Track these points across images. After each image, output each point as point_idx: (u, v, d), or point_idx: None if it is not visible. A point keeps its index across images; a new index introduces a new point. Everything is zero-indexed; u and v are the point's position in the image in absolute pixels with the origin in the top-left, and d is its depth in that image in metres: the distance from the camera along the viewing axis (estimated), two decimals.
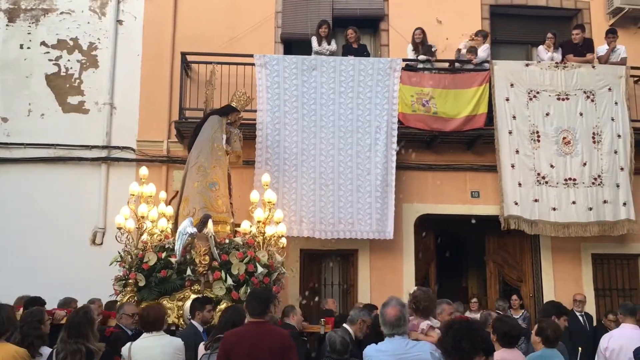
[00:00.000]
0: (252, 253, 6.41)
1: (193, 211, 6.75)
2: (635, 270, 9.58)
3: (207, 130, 7.31)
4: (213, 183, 7.02)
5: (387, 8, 9.90)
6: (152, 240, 6.61)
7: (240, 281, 6.26)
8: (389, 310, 3.61)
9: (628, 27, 10.03)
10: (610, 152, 9.07)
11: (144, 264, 6.27)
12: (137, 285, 6.26)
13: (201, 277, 6.25)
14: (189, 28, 9.47)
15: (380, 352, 3.54)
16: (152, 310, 4.63)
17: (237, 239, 6.69)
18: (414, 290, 5.10)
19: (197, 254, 6.25)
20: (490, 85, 9.04)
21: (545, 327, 4.51)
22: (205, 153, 7.15)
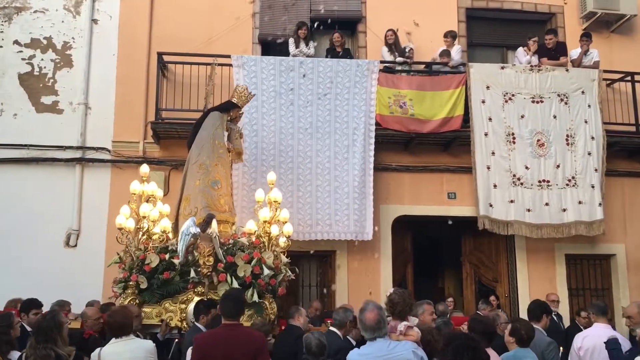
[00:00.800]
0: (258, 254, 6.25)
1: (195, 210, 6.52)
2: (608, 270, 9.75)
3: (208, 127, 7.02)
4: (215, 181, 6.76)
5: (365, 10, 9.94)
6: (153, 241, 6.42)
7: (246, 283, 6.08)
8: (367, 314, 3.62)
9: (601, 31, 10.21)
10: (584, 154, 9.22)
11: (146, 265, 6.07)
12: (138, 287, 6.07)
13: (205, 279, 6.05)
14: (165, 28, 9.39)
15: (363, 355, 3.54)
16: (119, 315, 4.51)
17: (242, 240, 6.51)
18: (390, 293, 5.12)
19: (201, 255, 6.02)
20: (467, 88, 9.14)
21: (519, 328, 4.56)
22: (206, 150, 6.86)
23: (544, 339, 5.12)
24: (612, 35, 10.38)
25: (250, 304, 5.94)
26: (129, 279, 6.10)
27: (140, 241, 6.31)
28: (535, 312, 5.41)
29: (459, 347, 2.81)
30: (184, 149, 8.92)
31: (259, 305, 6.04)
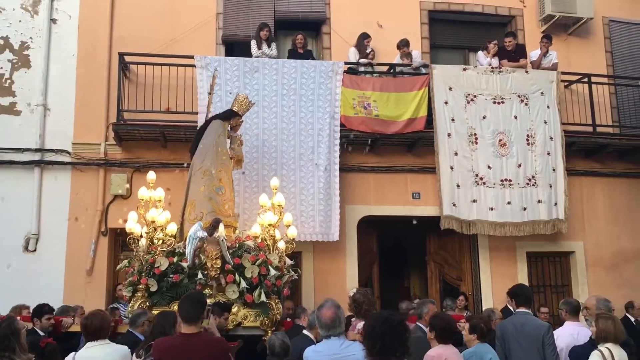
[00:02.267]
0: (264, 256, 6.37)
1: (200, 215, 6.68)
2: (567, 267, 9.98)
3: (211, 135, 7.21)
4: (219, 187, 6.95)
5: (329, 11, 9.97)
6: (162, 245, 6.46)
7: (253, 284, 6.20)
8: (324, 312, 3.64)
9: (559, 33, 10.47)
10: (543, 153, 9.43)
11: (156, 268, 6.13)
12: (147, 290, 6.12)
13: (213, 281, 6.18)
14: (127, 28, 9.24)
15: (317, 352, 3.57)
16: (95, 318, 4.42)
17: (248, 242, 6.63)
18: (354, 294, 5.17)
19: (209, 258, 6.15)
20: (430, 89, 9.25)
21: (477, 323, 4.65)
22: (210, 157, 7.05)
23: (543, 324, 5.20)
24: (569, 38, 10.65)
25: (257, 304, 6.10)
26: (138, 282, 6.15)
27: (148, 245, 6.37)
28: (528, 297, 5.46)
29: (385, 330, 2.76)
30: (146, 150, 8.90)
31: (266, 306, 6.15)
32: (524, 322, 5.12)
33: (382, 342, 2.70)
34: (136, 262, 6.32)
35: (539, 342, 4.96)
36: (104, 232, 8.69)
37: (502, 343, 5.17)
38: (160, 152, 8.94)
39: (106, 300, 8.40)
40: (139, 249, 6.36)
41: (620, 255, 9.92)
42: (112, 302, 8.34)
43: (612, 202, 10.07)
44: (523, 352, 4.98)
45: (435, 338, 4.36)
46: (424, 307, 5.61)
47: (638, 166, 10.24)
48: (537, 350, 4.96)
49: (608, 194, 10.10)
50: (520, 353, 4.99)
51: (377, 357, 2.70)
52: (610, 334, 4.41)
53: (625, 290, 9.45)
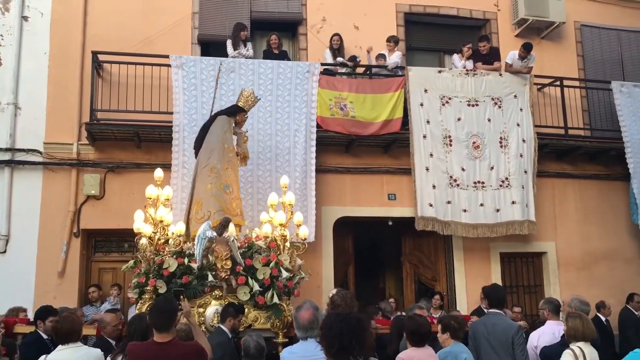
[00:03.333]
0: (275, 257, 6.27)
1: (208, 214, 6.49)
2: (540, 268, 10.14)
3: (217, 132, 7.01)
4: (227, 185, 6.75)
5: (306, 12, 9.97)
6: (169, 245, 6.32)
7: (265, 286, 6.12)
8: (302, 313, 3.63)
9: (532, 37, 10.61)
10: (516, 155, 9.56)
11: (164, 269, 5.99)
12: (155, 292, 5.97)
13: (223, 283, 6.05)
14: (100, 27, 9.12)
15: (292, 354, 3.57)
16: (66, 321, 4.37)
17: (259, 243, 6.52)
18: (332, 295, 5.17)
19: (219, 259, 6.02)
20: (406, 91, 9.31)
21: (449, 322, 4.69)
22: (216, 155, 6.85)
23: (513, 324, 5.29)
24: (542, 42, 10.82)
25: (269, 306, 6.03)
26: (146, 283, 6.00)
27: (156, 246, 6.20)
28: (500, 298, 5.52)
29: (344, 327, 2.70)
30: (120, 150, 8.79)
31: (277, 307, 6.08)
32: (495, 323, 5.20)
33: (340, 341, 2.63)
34: (143, 263, 6.15)
35: (509, 342, 5.04)
36: (76, 233, 8.56)
37: (474, 343, 5.24)
38: (135, 153, 8.84)
39: (78, 302, 8.27)
40: (145, 249, 6.17)
41: (591, 256, 10.11)
42: (84, 304, 8.24)
43: (583, 203, 10.26)
44: (494, 352, 5.06)
45: (407, 340, 4.39)
46: (412, 312, 5.63)
47: (608, 168, 10.45)
48: (507, 350, 5.04)
49: (579, 195, 10.28)
50: (491, 353, 5.07)
51: (336, 357, 2.62)
52: (578, 332, 4.49)
53: (596, 290, 9.61)
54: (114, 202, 8.69)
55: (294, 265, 6.50)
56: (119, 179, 8.77)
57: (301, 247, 6.70)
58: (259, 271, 6.16)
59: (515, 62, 9.80)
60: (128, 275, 9.01)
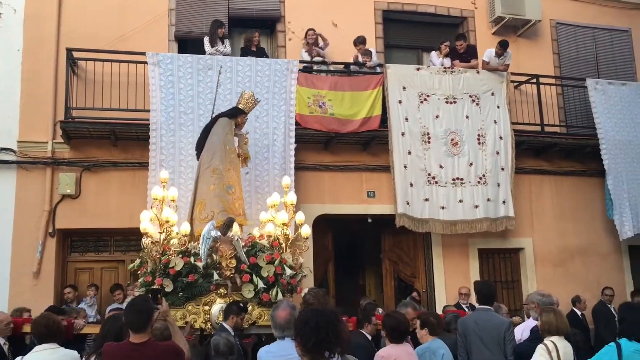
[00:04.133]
0: (279, 255, 6.36)
1: (211, 215, 6.55)
2: (517, 263, 10.24)
3: (218, 133, 7.09)
4: (229, 186, 6.85)
5: (284, 9, 9.93)
6: (175, 244, 6.35)
7: (269, 283, 6.20)
8: (279, 312, 3.63)
9: (508, 35, 10.71)
10: (493, 152, 9.64)
11: (170, 268, 6.03)
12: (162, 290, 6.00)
13: (228, 281, 6.12)
14: (75, 23, 8.98)
15: (269, 353, 3.56)
16: (44, 320, 4.29)
17: (263, 242, 6.61)
18: (305, 294, 5.17)
19: (224, 258, 6.10)
20: (384, 88, 9.33)
21: (427, 318, 4.71)
22: (218, 156, 6.94)
23: (504, 321, 5.35)
24: (519, 40, 10.93)
25: (274, 302, 6.02)
26: (152, 282, 6.05)
27: (162, 245, 6.25)
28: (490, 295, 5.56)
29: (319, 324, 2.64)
30: (96, 149, 8.68)
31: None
32: (485, 319, 5.24)
33: (317, 335, 2.57)
34: (149, 262, 6.21)
35: (500, 338, 5.09)
36: (51, 233, 8.42)
37: (464, 339, 5.27)
38: (111, 151, 8.74)
39: (54, 303, 8.12)
40: (152, 248, 6.22)
41: (567, 251, 10.24)
42: (60, 305, 8.11)
43: (559, 199, 10.39)
44: (486, 348, 5.10)
45: (387, 337, 4.39)
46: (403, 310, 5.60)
47: (584, 165, 10.59)
48: (498, 346, 5.09)
49: (555, 191, 10.41)
50: (481, 348, 5.11)
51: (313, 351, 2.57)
52: (552, 326, 4.54)
53: (572, 285, 9.78)
54: (90, 201, 8.58)
55: (296, 263, 6.63)
56: (95, 177, 8.66)
57: (303, 246, 6.77)
58: (263, 269, 6.26)
59: (492, 60, 9.87)
60: (105, 275, 8.98)
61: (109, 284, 8.64)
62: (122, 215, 8.58)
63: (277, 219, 6.72)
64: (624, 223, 9.87)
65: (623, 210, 9.91)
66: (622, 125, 10.27)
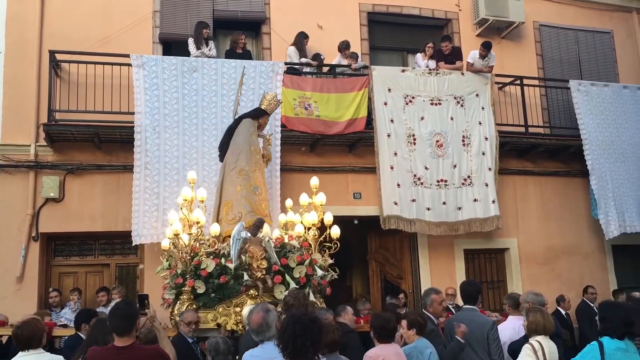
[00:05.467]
0: (308, 256, 6.38)
1: (239, 216, 6.58)
2: (503, 263, 10.31)
3: (243, 134, 7.14)
4: (256, 187, 6.89)
5: (269, 11, 9.92)
6: (206, 246, 6.32)
7: (300, 284, 6.21)
8: (253, 317, 3.65)
9: (492, 37, 10.79)
10: (478, 153, 9.70)
11: (202, 270, 5.99)
12: (194, 292, 5.99)
13: (259, 282, 6.10)
14: (58, 25, 8.90)
15: (254, 357, 3.54)
16: (27, 326, 4.21)
17: (293, 242, 6.60)
18: (285, 296, 5.16)
19: (254, 259, 6.08)
20: (369, 90, 9.35)
21: (414, 318, 4.72)
22: (244, 157, 6.99)
23: (488, 320, 5.37)
24: (502, 41, 11.01)
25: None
26: (183, 284, 6.02)
27: (191, 247, 6.21)
28: (473, 294, 5.57)
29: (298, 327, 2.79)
30: (80, 152, 8.61)
31: (313, 306, 6.15)
32: (470, 319, 5.26)
33: (294, 343, 2.70)
34: (179, 264, 6.15)
35: (484, 337, 5.11)
36: (34, 237, 8.33)
37: (449, 339, 5.29)
38: (95, 154, 8.66)
39: (38, 307, 8.04)
40: (181, 250, 6.19)
41: (552, 251, 10.33)
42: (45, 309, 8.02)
43: (543, 200, 10.48)
44: (470, 347, 5.12)
45: (374, 337, 4.40)
46: (427, 298, 5.64)
47: (567, 165, 10.70)
48: (482, 345, 5.12)
49: (540, 192, 10.50)
50: (467, 349, 5.11)
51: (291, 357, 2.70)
52: (539, 325, 4.58)
53: (557, 284, 9.86)
54: (74, 204, 8.50)
55: (325, 262, 6.67)
56: (79, 180, 8.58)
57: (333, 247, 6.75)
58: (295, 270, 6.27)
59: (477, 61, 9.94)
60: (89, 279, 8.90)
61: (93, 288, 8.57)
62: (106, 218, 8.54)
63: (306, 219, 6.76)
64: (610, 222, 9.97)
65: (608, 209, 10.02)
66: (604, 126, 10.39)
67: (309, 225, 6.68)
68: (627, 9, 12.12)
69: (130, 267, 9.07)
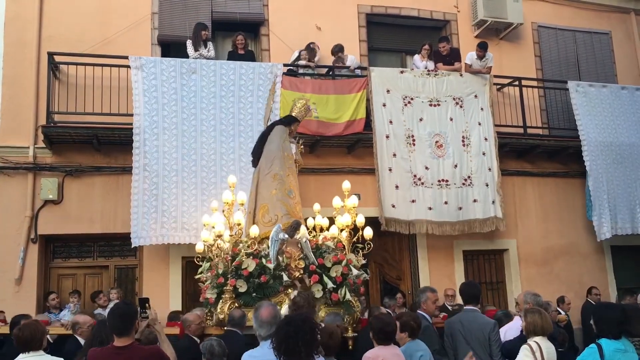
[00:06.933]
0: (344, 256, 6.51)
1: (275, 218, 6.77)
2: (502, 264, 10.32)
3: (276, 140, 7.30)
4: (290, 190, 7.08)
5: (267, 13, 9.93)
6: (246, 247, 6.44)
7: (337, 283, 6.31)
8: (262, 311, 3.65)
9: (491, 38, 10.81)
10: (478, 153, 9.70)
11: (244, 270, 6.15)
12: (236, 291, 6.16)
13: (296, 281, 6.25)
14: (57, 27, 8.90)
15: (253, 358, 3.54)
16: (27, 328, 4.22)
17: (328, 243, 6.75)
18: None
19: (292, 259, 6.28)
20: (368, 91, 9.36)
21: (407, 321, 4.72)
22: (278, 162, 7.15)
23: (489, 321, 5.36)
24: (501, 43, 11.03)
25: (341, 302, 6.28)
26: (225, 284, 6.17)
27: (231, 248, 6.41)
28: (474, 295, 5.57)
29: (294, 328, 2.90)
30: (79, 154, 8.61)
31: (348, 304, 6.30)
32: (471, 320, 5.26)
33: (286, 343, 2.78)
34: (220, 264, 6.32)
35: (486, 338, 5.12)
36: (33, 239, 8.33)
37: (450, 340, 5.29)
38: (94, 156, 8.67)
39: (36, 309, 8.04)
40: (222, 250, 6.39)
41: (550, 252, 10.34)
42: (43, 312, 8.01)
43: (542, 200, 10.49)
44: (470, 348, 5.12)
45: (373, 339, 4.40)
46: (422, 295, 5.69)
47: (566, 166, 10.71)
48: (483, 346, 5.12)
49: (538, 193, 10.52)
50: (467, 349, 5.12)
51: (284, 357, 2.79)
52: (538, 326, 4.58)
53: (556, 285, 9.88)
54: (72, 206, 8.50)
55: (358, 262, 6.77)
56: (78, 182, 8.58)
57: (366, 247, 6.81)
58: (331, 269, 6.39)
59: (474, 62, 9.96)
60: (88, 281, 8.90)
61: (92, 290, 8.56)
62: (105, 220, 8.54)
63: (339, 221, 6.89)
64: (603, 224, 10.00)
65: (602, 211, 10.04)
66: (603, 127, 10.41)
67: (342, 227, 6.82)
68: (625, 10, 12.15)
69: (129, 269, 9.07)
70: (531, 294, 5.69)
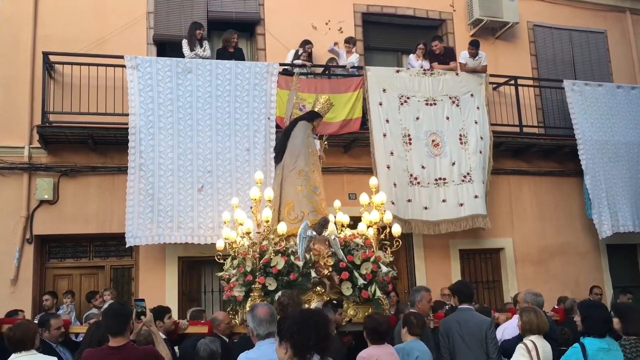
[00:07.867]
0: (372, 253, 6.45)
1: (302, 215, 6.67)
2: (498, 263, 10.33)
3: (299, 136, 7.21)
4: (315, 187, 6.99)
5: (263, 12, 9.92)
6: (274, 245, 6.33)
7: (366, 280, 6.25)
8: (259, 310, 3.62)
9: (487, 37, 10.83)
10: (476, 151, 9.70)
11: (273, 267, 6.06)
12: (264, 289, 6.06)
13: (325, 279, 6.17)
14: (52, 26, 8.88)
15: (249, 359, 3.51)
16: (19, 329, 4.23)
17: (357, 240, 6.67)
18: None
19: (321, 256, 6.18)
20: (364, 90, 9.35)
21: (408, 317, 4.72)
22: (302, 158, 7.06)
23: (485, 319, 5.36)
24: (497, 42, 11.04)
25: (369, 300, 6.21)
26: (253, 281, 6.10)
27: (259, 245, 6.31)
28: (469, 294, 5.59)
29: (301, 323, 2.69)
30: (74, 153, 8.59)
31: (377, 301, 6.26)
32: (467, 318, 5.27)
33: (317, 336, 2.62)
34: (248, 262, 6.23)
35: (482, 337, 5.12)
36: (29, 239, 8.31)
37: (446, 339, 5.30)
38: (89, 156, 8.65)
39: (32, 310, 8.02)
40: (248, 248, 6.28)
41: (547, 251, 10.36)
42: (39, 312, 7.99)
43: (538, 199, 10.51)
44: (466, 347, 5.13)
45: (367, 338, 4.40)
46: (417, 294, 5.69)
47: (562, 165, 10.73)
48: (480, 345, 5.12)
49: (534, 192, 10.53)
50: (464, 348, 5.13)
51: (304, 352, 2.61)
52: (533, 325, 4.59)
53: (552, 284, 9.89)
54: (68, 206, 8.48)
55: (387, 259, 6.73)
56: (74, 182, 8.56)
57: (395, 244, 6.79)
58: (361, 266, 6.32)
59: (468, 61, 9.97)
60: (84, 282, 8.88)
61: (88, 290, 8.53)
62: (101, 220, 8.53)
63: (366, 218, 6.84)
64: (603, 222, 10.01)
65: (602, 209, 10.05)
66: (598, 126, 10.43)
67: (370, 223, 6.76)
68: (621, 9, 12.16)
69: (126, 269, 9.05)
70: (531, 294, 5.69)
